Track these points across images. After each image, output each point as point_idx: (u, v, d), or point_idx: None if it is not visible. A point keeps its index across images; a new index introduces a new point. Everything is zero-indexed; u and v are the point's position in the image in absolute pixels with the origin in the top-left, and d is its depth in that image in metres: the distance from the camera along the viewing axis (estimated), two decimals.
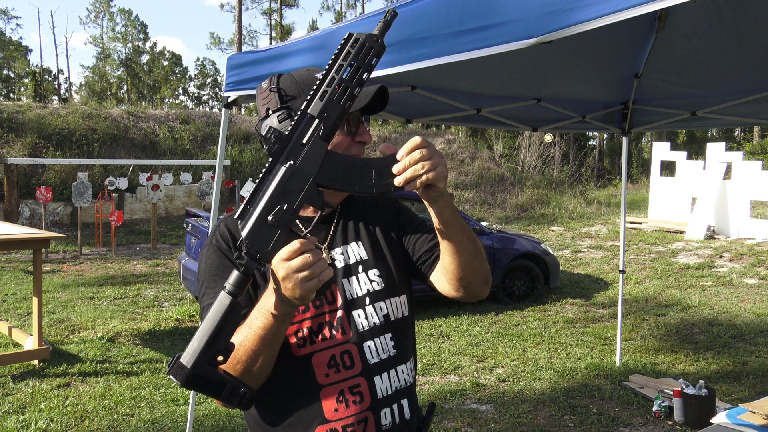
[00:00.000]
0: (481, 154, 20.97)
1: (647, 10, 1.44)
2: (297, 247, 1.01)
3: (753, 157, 19.38)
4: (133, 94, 47.39)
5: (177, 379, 1.00)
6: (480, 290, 1.32)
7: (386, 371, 1.31)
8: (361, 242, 1.38)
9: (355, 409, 1.26)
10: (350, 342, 1.29)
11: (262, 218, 1.02)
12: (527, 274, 7.86)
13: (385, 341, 1.32)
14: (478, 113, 4.22)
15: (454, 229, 1.19)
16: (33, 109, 17.37)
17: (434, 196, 1.11)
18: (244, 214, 1.03)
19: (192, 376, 1.00)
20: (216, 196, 3.54)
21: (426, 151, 1.06)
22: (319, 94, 1.05)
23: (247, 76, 3.04)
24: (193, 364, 0.99)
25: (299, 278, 1.00)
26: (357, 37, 1.04)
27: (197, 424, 4.04)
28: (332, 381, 1.27)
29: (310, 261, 1.01)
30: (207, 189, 13.65)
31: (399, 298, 1.38)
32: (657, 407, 4.23)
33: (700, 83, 4.13)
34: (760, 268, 9.90)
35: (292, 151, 1.05)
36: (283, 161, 1.04)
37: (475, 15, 1.83)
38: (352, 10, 46.71)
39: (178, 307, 7.32)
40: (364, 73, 1.05)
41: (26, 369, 5.09)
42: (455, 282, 1.28)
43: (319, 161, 1.06)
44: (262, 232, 1.02)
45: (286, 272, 1.00)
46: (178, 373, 1.00)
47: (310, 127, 1.05)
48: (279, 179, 1.03)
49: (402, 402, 1.33)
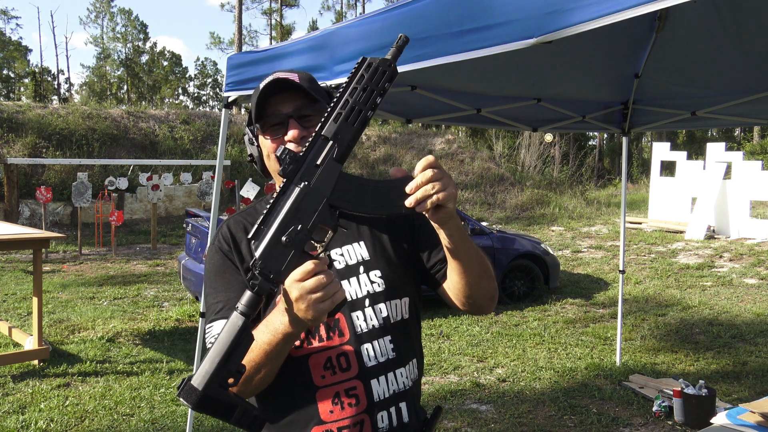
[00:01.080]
0: (481, 154, 20.97)
1: (647, 10, 1.44)
2: (311, 267, 1.01)
3: (753, 157, 19.37)
4: (133, 94, 47.39)
5: (187, 401, 0.98)
6: (486, 307, 1.34)
7: (384, 374, 1.30)
8: (362, 242, 1.36)
9: (351, 411, 1.26)
10: (347, 344, 1.28)
11: (275, 238, 1.02)
12: (527, 274, 7.86)
13: (384, 344, 1.31)
14: (478, 113, 4.22)
15: (462, 251, 1.20)
16: (33, 109, 17.38)
17: (444, 217, 1.11)
18: (258, 234, 1.03)
19: (203, 399, 0.98)
20: (216, 196, 3.54)
21: (437, 171, 1.07)
22: (333, 116, 1.06)
23: (247, 76, 3.05)
24: (204, 386, 0.98)
25: (312, 299, 1.00)
26: (371, 61, 1.06)
27: (197, 424, 4.05)
28: (328, 383, 1.26)
29: (324, 282, 1.00)
30: (207, 189, 13.65)
31: (400, 301, 1.36)
32: (657, 407, 4.22)
33: (700, 83, 4.13)
34: (760, 268, 9.89)
35: (306, 172, 1.05)
36: (297, 182, 1.05)
37: (475, 15, 1.83)
38: (353, 10, 46.74)
39: (178, 307, 7.32)
40: (378, 98, 1.07)
41: (26, 369, 5.09)
42: (462, 299, 1.30)
43: (332, 182, 1.06)
44: (276, 253, 1.02)
45: (300, 293, 1.00)
46: (188, 395, 0.98)
47: (324, 149, 1.06)
48: (293, 200, 1.04)
49: (401, 405, 1.31)
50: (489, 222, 14.19)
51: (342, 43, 2.42)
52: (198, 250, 6.96)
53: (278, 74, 1.28)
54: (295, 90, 1.28)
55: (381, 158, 19.45)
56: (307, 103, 1.29)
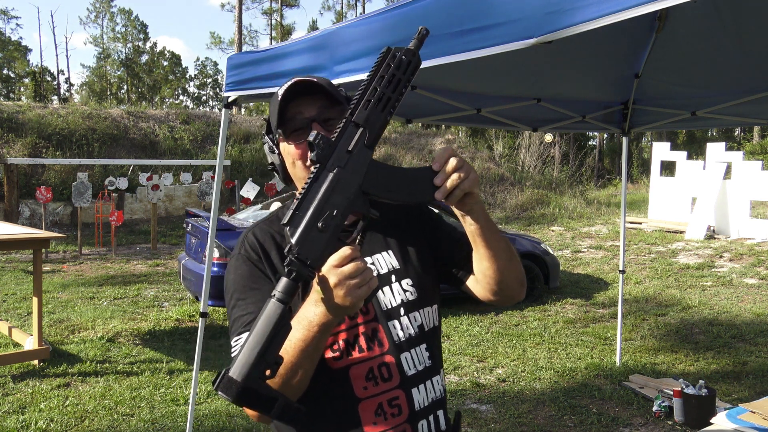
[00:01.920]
0: (481, 154, 20.98)
1: (647, 10, 1.44)
2: (348, 253, 1.00)
3: (753, 157, 19.37)
4: (133, 94, 47.39)
5: (227, 394, 0.93)
6: (517, 292, 1.32)
7: (423, 383, 1.29)
8: (390, 251, 1.35)
9: (394, 422, 1.24)
10: (387, 354, 1.26)
11: (311, 224, 1.01)
12: (527, 274, 7.77)
13: (421, 352, 1.30)
14: (478, 113, 4.22)
15: (490, 234, 1.20)
16: (33, 109, 17.38)
17: (471, 203, 1.12)
18: (293, 220, 1.01)
19: (244, 391, 0.93)
20: (216, 196, 3.54)
21: (458, 159, 1.08)
22: (362, 103, 1.06)
23: (247, 76, 3.04)
24: (244, 377, 0.93)
25: (351, 285, 0.99)
26: (396, 51, 1.07)
27: (197, 424, 4.04)
28: (371, 394, 1.24)
29: (361, 267, 1.00)
30: (207, 189, 13.65)
31: (431, 308, 1.35)
32: (657, 407, 4.23)
33: (700, 83, 4.13)
34: (760, 268, 9.89)
35: (339, 157, 1.05)
36: (331, 168, 1.04)
37: (475, 15, 1.83)
38: (353, 10, 46.74)
39: (178, 307, 7.32)
40: (404, 87, 1.07)
41: (26, 369, 5.09)
42: (494, 287, 1.28)
43: (364, 169, 1.06)
44: (312, 238, 1.00)
45: (339, 279, 0.99)
46: (227, 388, 0.93)
47: (354, 135, 1.06)
48: (327, 185, 1.03)
49: (438, 413, 1.31)
50: None
51: (342, 43, 2.41)
52: (198, 250, 6.96)
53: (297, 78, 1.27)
54: (316, 93, 1.27)
55: (381, 158, 19.45)
56: (328, 105, 1.28)
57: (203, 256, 6.61)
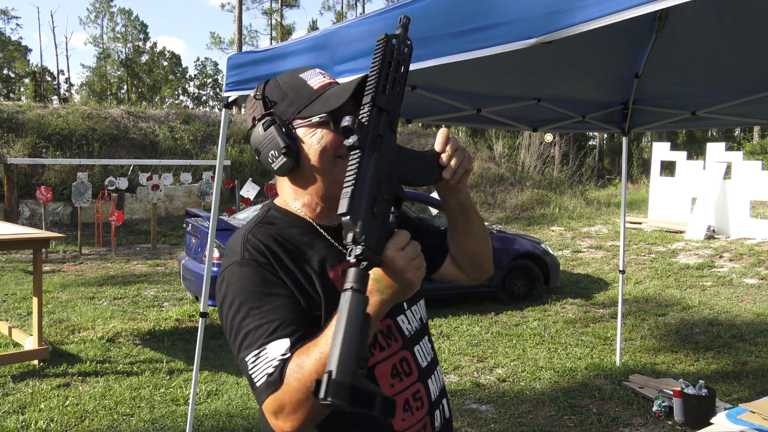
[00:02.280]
0: (481, 154, 20.98)
1: (647, 10, 1.44)
2: (408, 235, 1.01)
3: (753, 157, 19.37)
4: (133, 94, 47.40)
5: (340, 399, 0.83)
6: (489, 269, 1.41)
7: (432, 373, 1.31)
8: None
9: (419, 415, 1.24)
10: (403, 349, 1.26)
11: (368, 211, 0.99)
12: (527, 274, 7.86)
13: (426, 344, 1.32)
14: (478, 113, 4.22)
15: (474, 213, 1.28)
16: (33, 109, 17.38)
17: (464, 180, 1.18)
18: (352, 209, 0.97)
19: (355, 392, 0.85)
20: (216, 196, 3.54)
21: (454, 140, 1.14)
22: (379, 87, 1.05)
23: (247, 76, 3.05)
24: (352, 377, 0.85)
25: (414, 266, 1.00)
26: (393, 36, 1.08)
27: (197, 424, 4.04)
28: (397, 390, 1.22)
29: (419, 247, 1.01)
30: (207, 189, 13.66)
31: (422, 300, 1.38)
32: (657, 407, 4.23)
33: (700, 83, 4.13)
34: (760, 268, 9.89)
35: (373, 142, 1.04)
36: (369, 153, 1.03)
37: (475, 15, 1.83)
38: (353, 10, 46.75)
39: (178, 307, 7.32)
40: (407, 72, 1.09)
41: (26, 369, 5.09)
42: (470, 262, 1.36)
43: (393, 153, 1.07)
44: (371, 225, 0.98)
45: (405, 261, 0.99)
46: (339, 393, 0.83)
47: (381, 119, 1.05)
48: (374, 171, 1.01)
49: (443, 402, 1.33)
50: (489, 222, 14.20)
51: (342, 43, 2.41)
52: (198, 250, 6.96)
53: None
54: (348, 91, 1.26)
55: None
56: None
57: (203, 256, 6.61)
